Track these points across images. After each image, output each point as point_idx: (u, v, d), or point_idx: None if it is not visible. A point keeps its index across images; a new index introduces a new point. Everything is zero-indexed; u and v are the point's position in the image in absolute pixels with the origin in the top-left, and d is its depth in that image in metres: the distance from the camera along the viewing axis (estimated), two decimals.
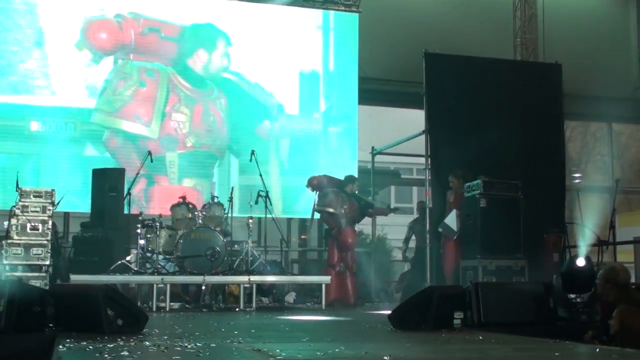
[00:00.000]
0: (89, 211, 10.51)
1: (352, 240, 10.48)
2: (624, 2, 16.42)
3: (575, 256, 8.05)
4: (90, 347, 4.64)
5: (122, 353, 4.38)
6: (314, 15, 13.61)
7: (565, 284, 7.42)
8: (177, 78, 12.68)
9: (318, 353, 4.42)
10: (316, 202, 10.68)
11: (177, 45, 12.83)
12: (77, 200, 11.73)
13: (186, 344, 4.79)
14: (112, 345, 4.68)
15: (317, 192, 10.68)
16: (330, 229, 10.45)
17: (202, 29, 13.05)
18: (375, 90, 14.52)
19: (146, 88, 12.50)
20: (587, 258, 7.84)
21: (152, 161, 10.60)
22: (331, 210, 10.38)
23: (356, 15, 13.66)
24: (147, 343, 4.92)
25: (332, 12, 13.64)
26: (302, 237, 15.50)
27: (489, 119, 10.96)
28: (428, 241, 10.30)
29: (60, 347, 4.60)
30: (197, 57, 12.91)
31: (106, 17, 12.51)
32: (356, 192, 10.81)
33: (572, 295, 7.33)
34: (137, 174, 10.48)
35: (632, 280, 6.77)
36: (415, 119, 12.57)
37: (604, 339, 5.69)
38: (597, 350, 4.86)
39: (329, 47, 13.56)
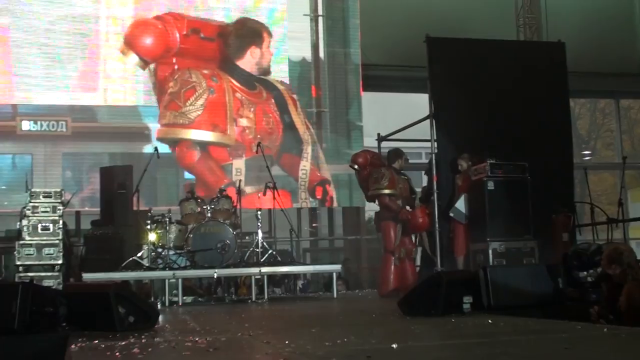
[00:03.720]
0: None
1: (423, 220, 9.50)
2: None
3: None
4: (102, 345, 4.70)
5: (134, 350, 4.44)
6: (302, 2, 13.39)
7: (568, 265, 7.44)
8: (232, 81, 12.41)
9: (327, 344, 4.45)
10: (368, 185, 9.74)
11: (220, 46, 12.59)
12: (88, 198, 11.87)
13: (197, 339, 4.84)
14: (123, 343, 4.74)
15: (361, 172, 9.85)
16: (392, 212, 9.51)
17: (245, 26, 12.83)
18: (379, 76, 14.50)
19: (215, 95, 12.25)
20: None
21: (158, 157, 10.50)
22: (389, 191, 9.54)
23: (356, 0, 13.52)
24: (158, 339, 4.98)
25: None
26: (313, 225, 15.56)
27: (494, 100, 10.88)
28: (437, 225, 10.22)
29: (73, 346, 4.65)
30: (244, 56, 12.67)
31: (150, 19, 12.34)
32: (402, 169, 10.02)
33: (582, 275, 7.34)
34: (145, 170, 10.42)
35: None
36: (421, 103, 12.54)
37: (610, 317, 5.70)
38: (605, 330, 4.87)
39: (320, 33, 13.37)
